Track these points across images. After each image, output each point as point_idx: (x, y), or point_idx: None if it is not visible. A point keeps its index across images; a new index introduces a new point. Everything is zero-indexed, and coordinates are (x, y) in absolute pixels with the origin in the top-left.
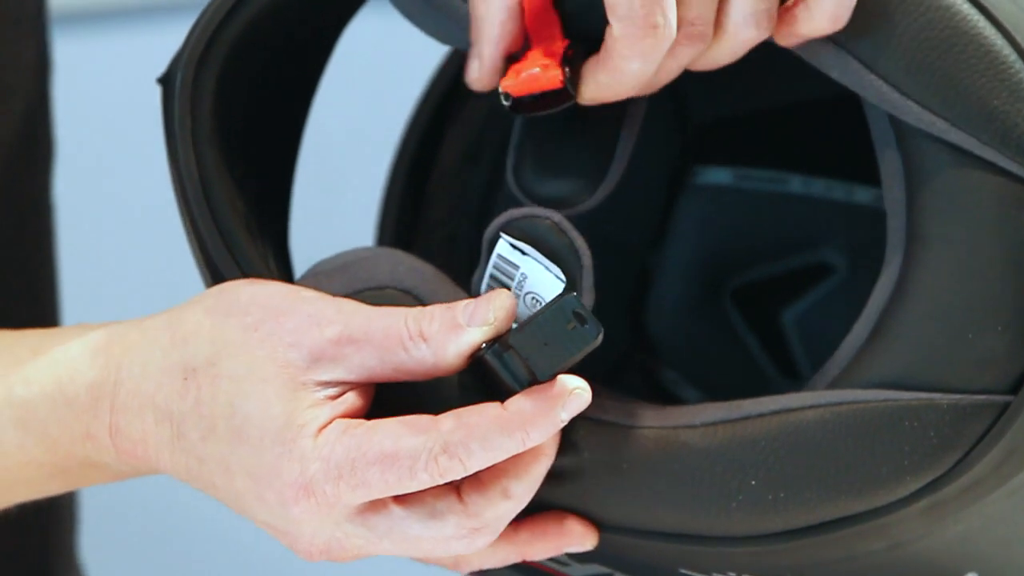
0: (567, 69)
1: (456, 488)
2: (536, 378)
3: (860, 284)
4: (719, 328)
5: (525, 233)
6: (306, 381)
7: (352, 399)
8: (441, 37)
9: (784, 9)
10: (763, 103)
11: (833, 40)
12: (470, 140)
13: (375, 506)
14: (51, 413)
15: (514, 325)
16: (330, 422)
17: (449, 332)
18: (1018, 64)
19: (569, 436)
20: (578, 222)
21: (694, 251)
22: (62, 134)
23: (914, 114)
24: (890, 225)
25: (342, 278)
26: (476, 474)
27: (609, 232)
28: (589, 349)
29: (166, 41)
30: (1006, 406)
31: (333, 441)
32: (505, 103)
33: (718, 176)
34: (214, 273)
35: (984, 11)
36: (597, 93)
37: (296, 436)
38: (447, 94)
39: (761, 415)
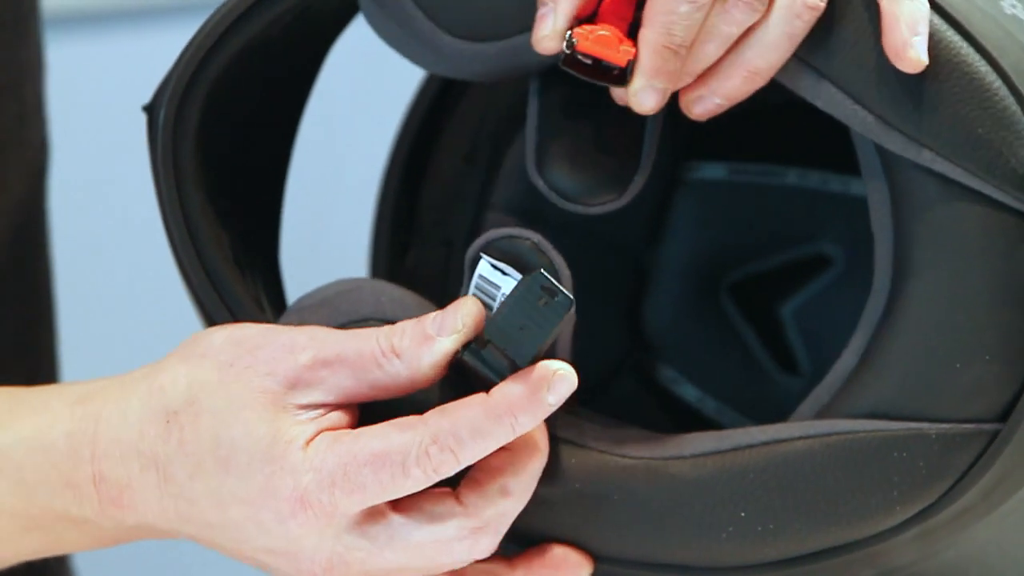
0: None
1: (454, 493)
2: (517, 366)
3: (858, 276)
4: (717, 323)
5: (505, 253)
6: (286, 405)
7: (335, 417)
8: (418, 62)
9: None
10: (757, 98)
11: (817, 70)
12: (465, 142)
13: (373, 515)
14: (27, 458)
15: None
16: (316, 435)
17: (420, 345)
18: (1003, 91)
19: (559, 465)
20: (576, 222)
21: (691, 247)
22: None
23: (899, 144)
24: (877, 253)
25: (325, 312)
26: (472, 476)
27: (607, 231)
28: (565, 323)
29: (160, 44)
30: (995, 434)
31: (324, 450)
32: (565, 51)
33: (713, 171)
34: (203, 312)
35: (969, 37)
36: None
37: (285, 452)
38: (440, 96)
39: (750, 446)
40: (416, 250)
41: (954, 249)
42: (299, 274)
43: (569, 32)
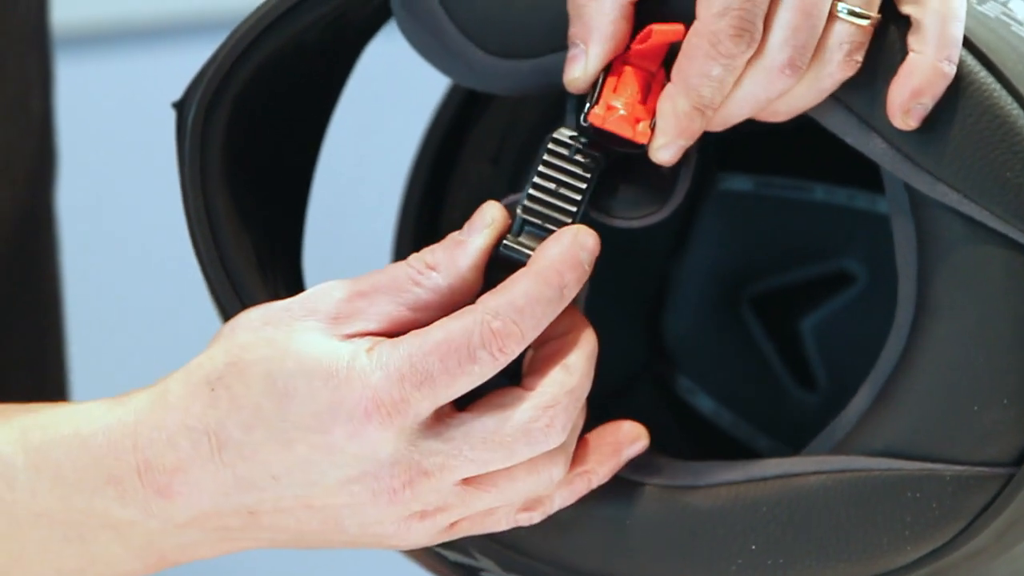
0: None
1: (518, 385)
2: None
3: (880, 294)
4: (737, 335)
5: None
6: (334, 336)
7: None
8: (448, 73)
9: None
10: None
11: (847, 106)
12: (491, 143)
13: (443, 417)
14: (66, 456)
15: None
16: (374, 347)
17: (455, 250)
18: None
19: None
20: (599, 230)
21: (714, 258)
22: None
23: (927, 184)
24: (901, 289)
25: None
26: (531, 367)
27: (630, 239)
28: (599, 169)
29: (172, 62)
30: (1010, 478)
31: (388, 352)
32: (583, 124)
33: (740, 183)
34: (222, 312)
35: (1001, 78)
36: (670, 130)
37: (347, 363)
38: (469, 97)
39: (764, 479)
40: None
41: (977, 291)
42: (322, 274)
43: (584, 117)
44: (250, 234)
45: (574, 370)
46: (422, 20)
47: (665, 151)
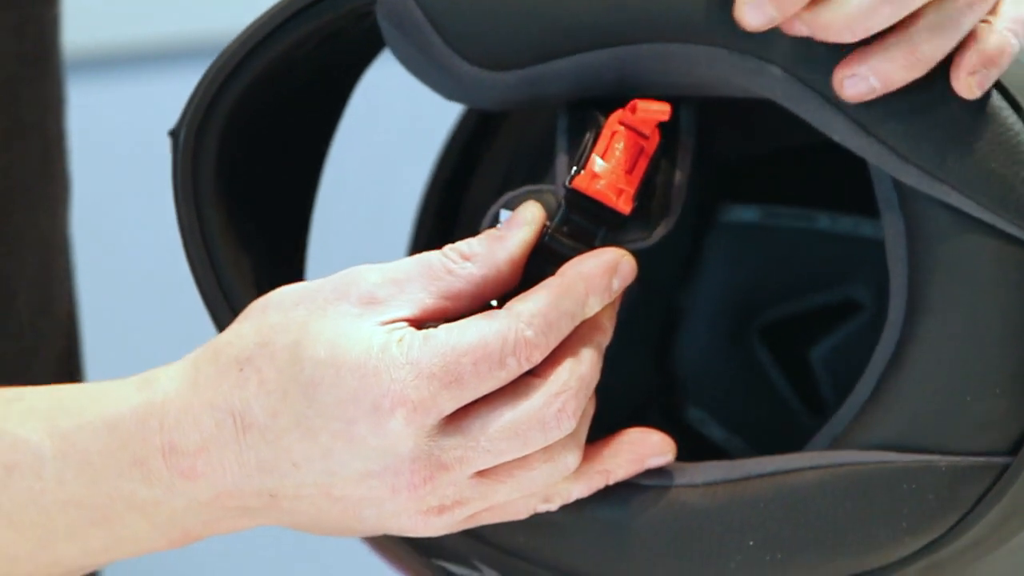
0: (637, 204)
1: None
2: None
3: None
4: (746, 365)
5: None
6: (365, 322)
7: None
8: (437, 88)
9: None
10: (790, 141)
11: (831, 101)
12: (500, 174)
13: (462, 413)
14: (92, 441)
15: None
16: (404, 337)
17: (494, 243)
18: (1018, 126)
19: None
20: None
21: (722, 288)
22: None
23: (914, 177)
24: (893, 285)
25: None
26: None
27: (639, 270)
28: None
29: (181, 86)
30: (1005, 467)
31: (419, 346)
32: (563, 186)
33: (746, 214)
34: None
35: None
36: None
37: (378, 353)
38: (477, 128)
39: (761, 476)
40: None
41: (967, 283)
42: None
43: (570, 175)
44: (248, 254)
45: (583, 357)
46: (409, 34)
47: (751, 8)
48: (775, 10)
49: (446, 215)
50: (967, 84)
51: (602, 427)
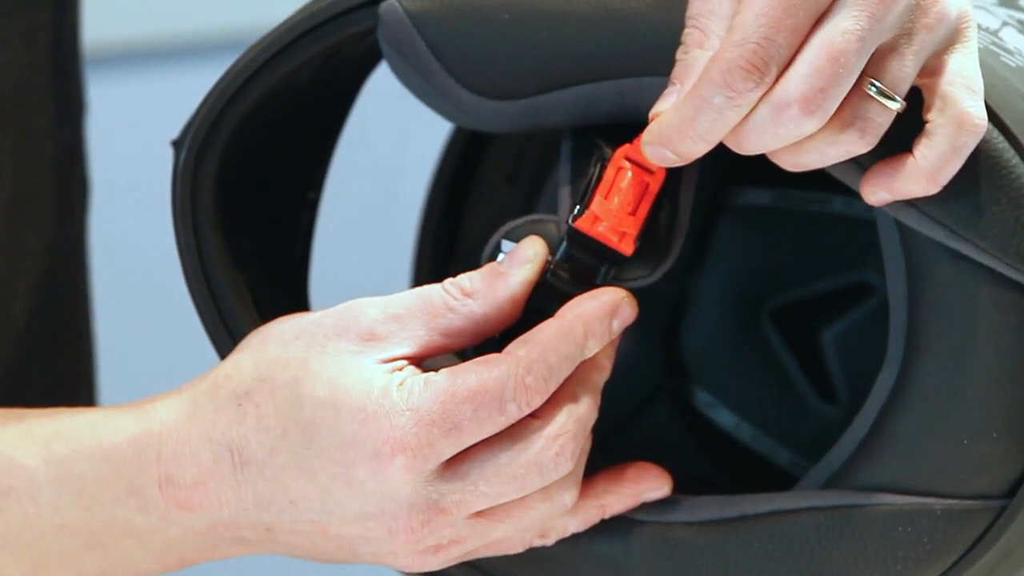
0: (639, 244)
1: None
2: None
3: None
4: (757, 348)
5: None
6: (366, 361)
7: (419, 369)
8: (439, 112)
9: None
10: None
11: None
12: (508, 163)
13: (460, 457)
14: (89, 468)
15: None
16: (405, 380)
17: (495, 280)
18: (1020, 168)
19: None
20: None
21: (733, 272)
22: (96, 177)
23: (914, 219)
24: (892, 323)
25: None
26: None
27: None
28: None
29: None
30: (1001, 510)
31: (419, 391)
32: (566, 223)
33: (758, 197)
34: (220, 354)
35: (991, 114)
36: (653, 132)
37: (379, 397)
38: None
39: (757, 515)
40: (457, 265)
41: (965, 326)
42: (339, 288)
43: (573, 215)
44: (245, 274)
45: (581, 399)
46: (411, 61)
47: (648, 148)
48: (674, 156)
49: (453, 209)
50: (878, 199)
51: (612, 415)
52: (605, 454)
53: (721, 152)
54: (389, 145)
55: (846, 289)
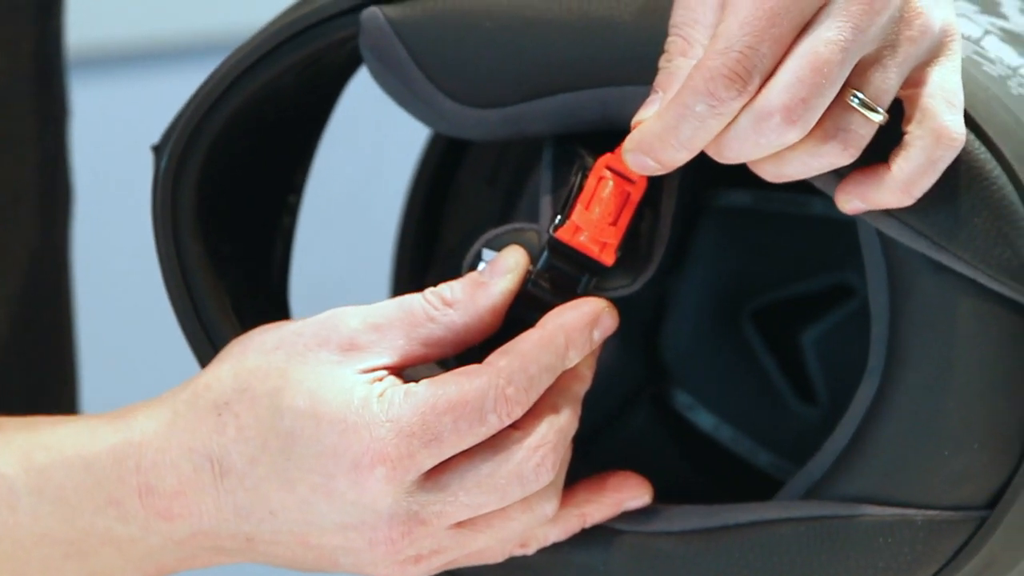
0: (620, 254)
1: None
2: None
3: None
4: (737, 349)
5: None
6: (347, 371)
7: (399, 380)
8: (420, 119)
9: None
10: None
11: None
12: (488, 165)
13: (440, 467)
14: (69, 478)
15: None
16: (386, 391)
17: (475, 290)
18: (1002, 180)
19: None
20: None
21: (713, 273)
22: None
23: (896, 229)
24: (874, 333)
25: None
26: None
27: None
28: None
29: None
30: (982, 521)
31: (399, 402)
32: (547, 233)
33: (738, 198)
34: (200, 362)
35: (969, 121)
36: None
37: (358, 408)
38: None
39: (737, 525)
40: (437, 268)
41: (946, 337)
42: (320, 288)
43: (554, 225)
44: (225, 280)
45: (562, 409)
46: (392, 68)
47: (629, 156)
48: (656, 164)
49: (432, 210)
50: (852, 207)
51: (593, 419)
52: (585, 459)
53: (702, 161)
54: (368, 146)
55: (826, 291)
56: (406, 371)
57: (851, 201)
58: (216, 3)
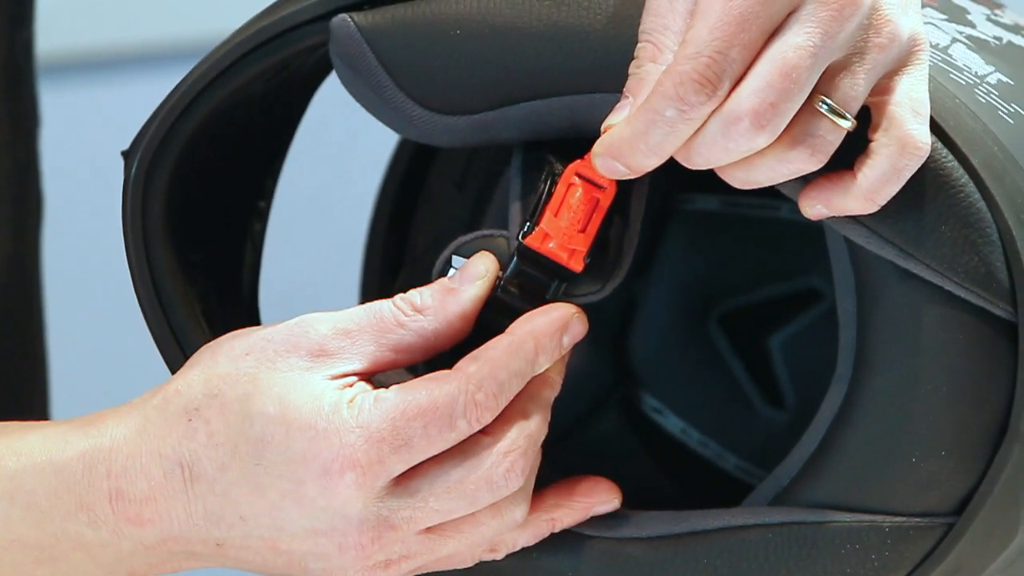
0: (589, 261)
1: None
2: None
3: None
4: (705, 353)
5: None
6: (316, 377)
7: (369, 385)
8: (389, 125)
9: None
10: None
11: None
12: (458, 167)
13: (410, 473)
14: (39, 483)
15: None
16: (355, 397)
17: (446, 296)
18: (969, 187)
19: None
20: None
21: (681, 277)
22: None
23: (863, 237)
24: (842, 339)
25: None
26: None
27: None
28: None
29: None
30: (949, 527)
31: (369, 408)
32: (516, 241)
33: (706, 203)
34: (170, 368)
35: (936, 130)
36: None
37: (328, 414)
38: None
39: (706, 531)
40: (407, 271)
41: (913, 343)
42: (291, 291)
43: (522, 232)
44: (195, 286)
45: (532, 414)
46: (362, 75)
47: (599, 160)
48: (625, 169)
49: (402, 213)
50: (815, 212)
51: (562, 421)
52: (554, 462)
53: (671, 167)
54: (337, 149)
55: (794, 294)
56: (376, 377)
57: (815, 206)
58: (186, 9)
